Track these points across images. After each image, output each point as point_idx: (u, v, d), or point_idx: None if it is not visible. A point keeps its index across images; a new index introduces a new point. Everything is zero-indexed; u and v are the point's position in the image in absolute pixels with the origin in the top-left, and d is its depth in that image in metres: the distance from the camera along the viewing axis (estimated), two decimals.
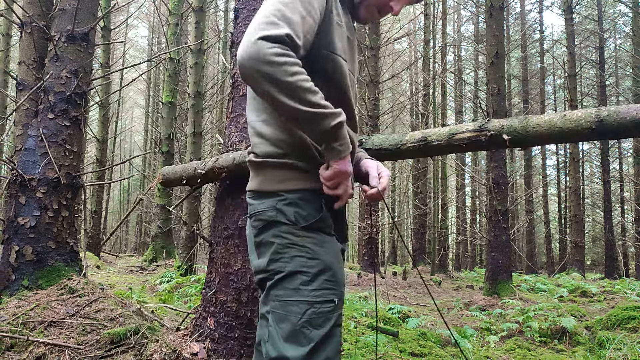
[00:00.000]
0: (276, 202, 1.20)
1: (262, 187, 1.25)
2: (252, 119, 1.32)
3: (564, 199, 20.77)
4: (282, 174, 1.23)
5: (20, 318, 2.51)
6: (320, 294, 1.15)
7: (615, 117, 1.58)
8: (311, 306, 1.13)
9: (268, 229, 1.20)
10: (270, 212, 1.20)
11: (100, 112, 12.41)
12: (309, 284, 1.15)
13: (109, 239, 17.02)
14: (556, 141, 1.78)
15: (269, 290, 1.18)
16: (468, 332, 4.38)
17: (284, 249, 1.17)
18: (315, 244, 1.19)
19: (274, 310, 1.15)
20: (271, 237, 1.19)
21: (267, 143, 1.26)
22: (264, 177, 1.26)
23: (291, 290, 1.14)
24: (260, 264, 1.21)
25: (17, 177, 3.08)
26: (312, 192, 1.23)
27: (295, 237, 1.18)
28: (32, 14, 3.56)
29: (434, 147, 1.92)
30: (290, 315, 1.12)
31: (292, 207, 1.20)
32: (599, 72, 16.28)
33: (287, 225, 1.19)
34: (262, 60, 1.05)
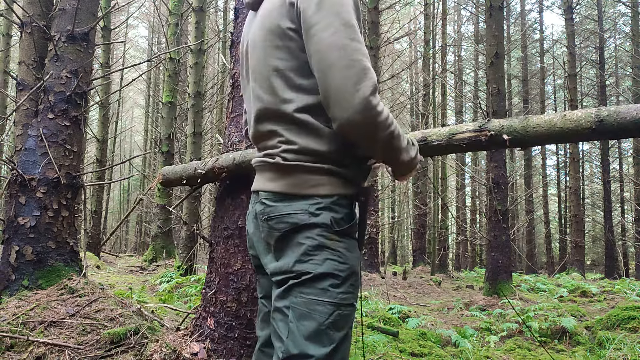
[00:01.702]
0: (308, 206, 1.18)
1: (291, 190, 1.22)
2: None
3: (564, 199, 20.77)
4: (316, 179, 1.21)
5: (20, 318, 2.51)
6: (345, 297, 1.16)
7: (615, 117, 1.58)
8: (337, 308, 1.14)
9: (297, 231, 1.18)
10: (302, 215, 1.18)
11: (100, 112, 12.41)
12: (338, 287, 1.16)
13: (109, 239, 17.02)
14: (556, 141, 1.78)
15: (292, 287, 1.16)
16: (468, 332, 4.38)
17: (314, 251, 1.16)
18: (346, 249, 1.20)
19: (296, 306, 1.14)
20: (301, 239, 1.18)
21: (297, 145, 1.23)
22: (293, 180, 1.22)
23: (319, 290, 1.14)
24: (283, 265, 1.20)
25: (17, 177, 3.08)
26: (346, 197, 1.23)
27: (329, 240, 1.18)
28: (32, 14, 3.56)
29: (434, 147, 1.92)
30: (316, 314, 1.13)
31: (327, 212, 1.19)
32: (599, 72, 16.28)
33: (320, 228, 1.17)
34: (376, 124, 1.14)
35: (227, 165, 2.41)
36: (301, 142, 1.21)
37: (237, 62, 2.68)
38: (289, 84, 1.22)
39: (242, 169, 2.32)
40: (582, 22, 19.75)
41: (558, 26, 42.00)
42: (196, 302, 4.43)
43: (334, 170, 1.22)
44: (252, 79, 1.33)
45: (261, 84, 1.28)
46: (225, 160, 2.43)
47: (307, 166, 1.21)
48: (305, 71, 1.20)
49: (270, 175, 1.27)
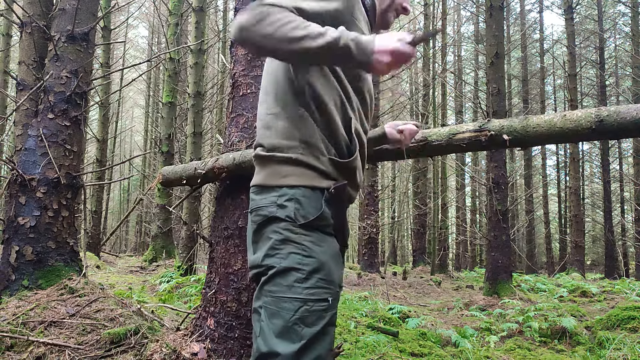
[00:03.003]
0: (277, 198, 1.20)
1: (265, 182, 1.26)
2: (262, 112, 1.35)
3: (564, 199, 20.77)
4: (285, 169, 1.23)
5: (20, 318, 2.51)
6: (313, 292, 1.15)
7: (615, 117, 1.58)
8: (304, 304, 1.13)
9: (267, 224, 1.20)
10: (271, 208, 1.20)
11: (100, 112, 12.41)
12: (303, 281, 1.15)
13: (109, 239, 17.02)
14: (556, 141, 1.78)
15: (263, 285, 1.18)
16: (468, 332, 4.38)
17: (280, 245, 1.17)
18: (313, 242, 1.19)
19: (266, 305, 1.15)
20: (269, 233, 1.19)
21: (275, 135, 1.27)
22: (268, 172, 1.26)
23: (285, 286, 1.14)
24: (256, 258, 1.22)
25: (17, 177, 3.08)
26: (314, 190, 1.23)
27: (293, 234, 1.18)
28: (32, 14, 3.56)
29: (434, 147, 1.92)
30: (283, 312, 1.12)
31: (292, 204, 1.20)
32: (599, 72, 16.28)
33: (286, 221, 1.18)
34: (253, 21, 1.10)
35: (227, 165, 2.41)
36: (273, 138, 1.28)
37: (237, 62, 2.68)
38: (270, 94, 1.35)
39: (242, 169, 2.32)
40: (582, 22, 19.75)
41: (558, 26, 42.01)
42: (196, 302, 4.43)
43: (303, 160, 1.23)
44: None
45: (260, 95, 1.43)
46: (225, 160, 2.43)
47: (279, 157, 1.25)
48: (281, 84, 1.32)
49: (257, 169, 1.33)
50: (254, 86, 2.59)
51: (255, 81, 2.59)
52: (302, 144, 1.25)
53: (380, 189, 14.53)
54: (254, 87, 2.59)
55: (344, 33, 1.11)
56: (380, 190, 14.29)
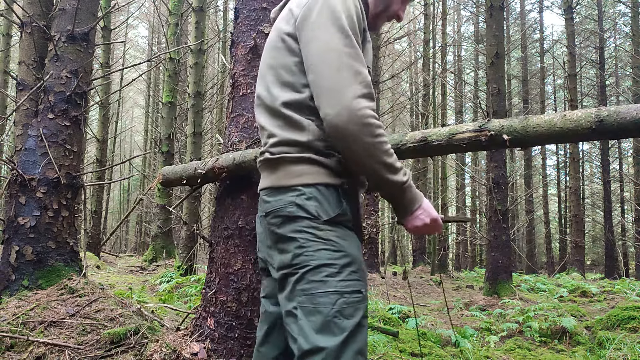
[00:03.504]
0: (295, 198, 1.21)
1: (278, 183, 1.26)
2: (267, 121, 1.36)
3: (564, 199, 20.77)
4: (299, 169, 1.24)
5: (20, 318, 2.51)
6: (347, 284, 1.16)
7: (615, 117, 1.58)
8: (341, 296, 1.14)
9: (288, 224, 1.21)
10: (290, 208, 1.21)
11: (100, 112, 12.41)
12: (336, 275, 1.16)
13: (109, 239, 17.02)
14: (556, 141, 1.78)
15: (294, 286, 1.18)
16: (468, 332, 4.38)
17: (307, 243, 1.18)
18: (339, 237, 1.21)
19: (302, 305, 1.15)
20: (292, 233, 1.20)
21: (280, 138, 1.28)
22: (280, 173, 1.26)
23: (318, 282, 1.15)
24: (284, 260, 1.22)
25: (17, 177, 3.08)
26: (330, 187, 1.24)
27: (319, 231, 1.19)
28: (32, 14, 3.56)
29: (434, 147, 1.92)
30: (320, 307, 1.13)
31: (312, 202, 1.20)
32: (599, 72, 16.28)
33: (308, 219, 1.19)
34: (362, 125, 1.16)
35: (227, 165, 2.41)
36: (282, 134, 1.27)
37: (237, 62, 2.68)
38: (278, 80, 1.31)
39: (242, 169, 2.32)
40: (582, 22, 19.75)
41: (558, 26, 42.03)
42: (196, 302, 4.43)
43: (315, 159, 1.24)
44: (258, 80, 1.42)
45: (260, 82, 1.39)
46: (225, 160, 2.43)
47: (290, 157, 1.25)
48: (293, 70, 1.28)
49: (265, 173, 1.32)
50: (253, 86, 2.59)
51: (255, 81, 2.59)
52: (313, 142, 1.25)
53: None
54: (254, 87, 2.59)
55: (409, 176, 1.26)
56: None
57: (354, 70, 1.17)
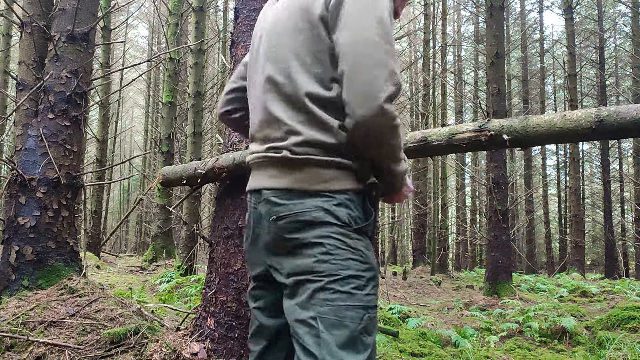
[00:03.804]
0: (323, 203, 1.12)
1: (300, 186, 1.14)
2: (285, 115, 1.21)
3: (564, 199, 20.77)
4: (328, 173, 1.14)
5: (20, 318, 2.51)
6: (371, 299, 1.12)
7: (615, 117, 1.58)
8: (366, 311, 1.09)
9: (312, 229, 1.11)
10: (316, 213, 1.11)
11: (100, 112, 12.41)
12: (363, 288, 1.10)
13: (109, 239, 17.02)
14: (556, 141, 1.78)
15: (315, 294, 1.08)
16: (468, 332, 4.38)
17: (335, 251, 1.10)
18: (366, 248, 1.15)
19: (324, 316, 1.06)
20: (318, 238, 1.10)
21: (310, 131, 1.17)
22: (303, 175, 1.15)
23: (345, 294, 1.08)
24: (302, 264, 1.12)
25: (17, 177, 3.08)
26: (359, 193, 1.17)
27: (349, 239, 1.12)
28: (32, 14, 3.56)
29: (434, 147, 1.92)
30: (347, 321, 1.06)
31: (343, 209, 1.13)
32: (599, 72, 16.28)
33: (337, 226, 1.11)
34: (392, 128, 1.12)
35: (227, 165, 2.41)
36: (308, 133, 1.15)
37: (237, 62, 2.68)
38: (304, 69, 1.17)
39: (242, 169, 2.32)
40: (582, 22, 19.76)
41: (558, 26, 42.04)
42: (196, 302, 4.43)
43: (344, 164, 1.15)
44: (265, 62, 1.26)
45: (277, 66, 1.22)
46: (225, 160, 2.43)
47: (317, 160, 1.14)
48: (322, 60, 1.16)
49: (275, 172, 1.19)
50: None
51: None
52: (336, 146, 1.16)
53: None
54: None
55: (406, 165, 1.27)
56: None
57: (390, 69, 1.08)
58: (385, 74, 1.07)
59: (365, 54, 1.07)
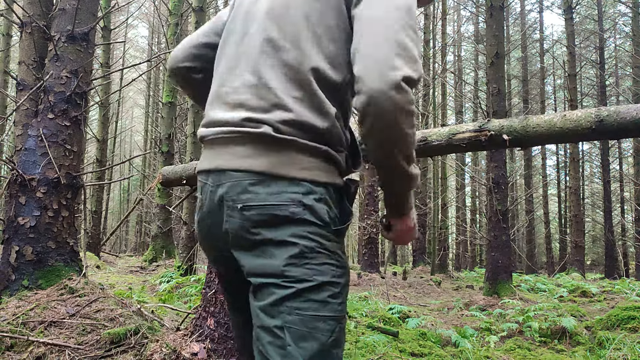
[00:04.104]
0: (301, 196, 0.97)
1: (276, 170, 0.98)
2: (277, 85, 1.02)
3: (564, 199, 20.78)
4: (313, 162, 1.00)
5: (20, 318, 2.51)
6: (342, 308, 1.01)
7: (615, 117, 1.58)
8: (339, 322, 0.99)
9: (285, 226, 0.97)
10: (294, 208, 0.97)
11: (100, 112, 12.42)
12: (337, 296, 0.99)
13: (109, 239, 17.03)
14: (556, 141, 1.78)
15: (282, 301, 0.96)
16: (468, 332, 4.38)
17: (311, 254, 0.97)
18: (341, 250, 1.04)
19: (292, 326, 0.94)
20: (291, 237, 0.97)
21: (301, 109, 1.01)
22: (283, 158, 0.99)
23: (318, 303, 0.96)
24: (268, 266, 0.97)
25: (17, 177, 3.08)
26: (339, 190, 1.05)
27: (327, 241, 1.00)
28: (32, 14, 3.56)
29: (434, 147, 1.92)
30: (317, 333, 0.95)
31: (324, 205, 1.00)
32: (599, 72, 16.29)
33: (317, 226, 0.98)
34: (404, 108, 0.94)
35: None
36: (300, 112, 0.99)
37: None
38: (316, 41, 1.02)
39: None
40: (582, 22, 19.77)
41: (558, 26, 42.04)
42: (196, 302, 4.43)
43: (332, 155, 1.03)
44: (266, 20, 1.08)
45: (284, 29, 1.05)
46: None
47: (303, 144, 0.99)
48: (336, 38, 1.03)
49: (249, 150, 1.00)
50: None
51: None
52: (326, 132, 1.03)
53: (380, 189, 14.50)
54: None
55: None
56: (380, 190, 14.27)
57: (413, 55, 0.95)
58: (408, 57, 0.94)
59: (390, 33, 0.95)
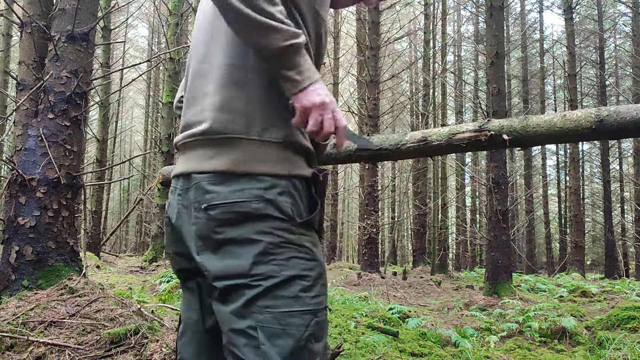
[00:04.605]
0: (263, 191, 0.96)
1: (237, 168, 0.98)
2: (220, 62, 1.05)
3: (564, 199, 20.78)
4: (270, 152, 0.99)
5: (20, 318, 2.51)
6: (319, 301, 0.99)
7: (615, 117, 1.58)
8: (314, 315, 0.97)
9: (248, 223, 0.96)
10: (255, 204, 0.95)
11: (100, 112, 12.42)
12: (310, 289, 0.97)
13: (109, 239, 17.03)
14: (556, 141, 1.79)
15: (253, 301, 0.94)
16: (468, 332, 4.38)
17: (277, 249, 0.95)
18: (312, 243, 1.01)
19: (265, 325, 0.93)
20: (255, 234, 0.95)
21: (247, 101, 1.01)
22: (238, 155, 0.99)
23: (289, 298, 0.95)
24: (234, 267, 0.96)
25: (17, 177, 3.08)
26: (303, 180, 1.03)
27: (292, 234, 0.97)
28: (32, 14, 3.56)
29: (434, 147, 1.92)
30: (291, 329, 0.94)
31: (287, 198, 0.98)
32: (599, 72, 16.29)
33: (280, 220, 0.97)
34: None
35: None
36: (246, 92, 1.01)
37: None
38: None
39: None
40: (582, 22, 19.77)
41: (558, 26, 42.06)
42: None
43: (290, 141, 1.02)
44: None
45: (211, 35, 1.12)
46: None
47: (256, 135, 0.99)
48: None
49: (212, 151, 1.01)
50: None
51: None
52: (287, 118, 1.01)
53: (380, 189, 14.53)
54: None
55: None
56: (380, 190, 14.29)
57: None
58: None
59: None
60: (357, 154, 2.10)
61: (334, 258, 17.30)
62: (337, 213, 18.46)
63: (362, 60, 11.33)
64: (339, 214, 20.21)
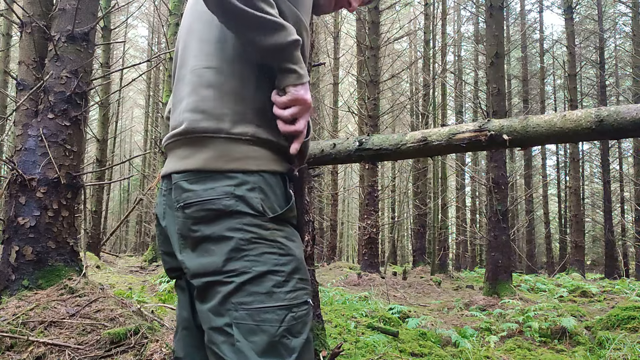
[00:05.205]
0: (234, 188, 0.98)
1: (210, 166, 1.00)
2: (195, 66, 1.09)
3: (564, 199, 20.79)
4: (239, 149, 1.01)
5: (20, 318, 2.51)
6: (295, 296, 0.98)
7: (615, 117, 1.58)
8: (289, 311, 0.97)
9: (220, 220, 0.97)
10: (227, 201, 0.97)
11: (100, 112, 12.41)
12: (283, 285, 0.97)
13: (109, 239, 17.03)
14: (556, 141, 1.79)
15: (227, 298, 0.95)
16: (468, 332, 4.38)
17: (248, 245, 0.96)
18: (287, 238, 1.01)
19: (240, 322, 0.94)
20: (227, 231, 0.97)
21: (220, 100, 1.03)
22: (211, 153, 1.01)
23: (262, 294, 0.95)
24: (209, 263, 0.97)
25: (17, 177, 3.08)
26: (276, 175, 1.04)
27: (264, 230, 0.98)
28: (32, 14, 3.56)
29: (434, 147, 1.92)
30: (266, 325, 0.94)
31: (257, 193, 0.99)
32: (599, 72, 16.29)
33: (251, 216, 0.97)
34: None
35: None
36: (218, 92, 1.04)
37: None
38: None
39: None
40: (582, 22, 19.76)
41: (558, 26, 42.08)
42: None
43: (261, 137, 1.03)
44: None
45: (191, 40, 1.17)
46: None
47: (227, 133, 1.01)
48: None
49: (187, 151, 1.04)
50: None
51: None
52: (259, 114, 1.03)
53: (380, 189, 14.53)
54: None
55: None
56: (380, 190, 14.29)
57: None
58: None
59: None
60: (357, 154, 2.10)
61: (334, 258, 17.30)
62: (337, 213, 18.46)
63: (362, 60, 11.34)
64: (339, 214, 20.22)
